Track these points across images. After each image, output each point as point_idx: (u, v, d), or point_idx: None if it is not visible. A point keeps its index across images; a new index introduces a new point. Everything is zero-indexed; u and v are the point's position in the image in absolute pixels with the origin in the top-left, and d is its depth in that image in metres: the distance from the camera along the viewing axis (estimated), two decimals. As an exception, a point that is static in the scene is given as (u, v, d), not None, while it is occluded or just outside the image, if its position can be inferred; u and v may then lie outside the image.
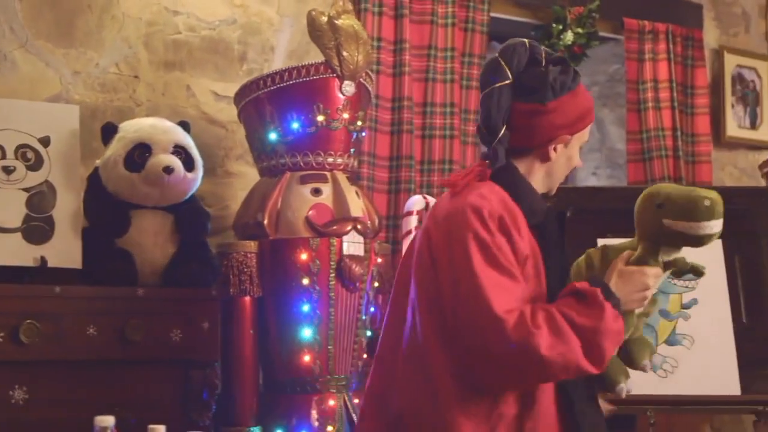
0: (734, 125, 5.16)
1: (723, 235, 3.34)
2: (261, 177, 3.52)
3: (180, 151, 3.15)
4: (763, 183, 4.92)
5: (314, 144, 3.40)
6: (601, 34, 4.84)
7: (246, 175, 3.86)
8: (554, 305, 2.26)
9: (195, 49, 3.84)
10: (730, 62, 5.17)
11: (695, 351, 3.23)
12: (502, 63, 2.39)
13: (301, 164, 3.41)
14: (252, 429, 3.31)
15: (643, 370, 2.56)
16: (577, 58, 4.59)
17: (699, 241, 2.49)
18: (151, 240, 3.13)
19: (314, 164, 3.41)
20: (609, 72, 5.11)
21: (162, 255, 3.14)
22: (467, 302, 2.22)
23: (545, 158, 2.43)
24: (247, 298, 3.31)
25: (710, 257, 3.35)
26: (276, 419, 3.35)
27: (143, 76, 3.73)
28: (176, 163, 3.09)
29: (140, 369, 3.04)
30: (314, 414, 3.35)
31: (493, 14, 4.44)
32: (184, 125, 3.28)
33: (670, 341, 3.25)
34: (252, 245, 3.33)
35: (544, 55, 2.43)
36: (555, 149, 2.42)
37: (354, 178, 3.56)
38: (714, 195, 2.48)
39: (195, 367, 3.12)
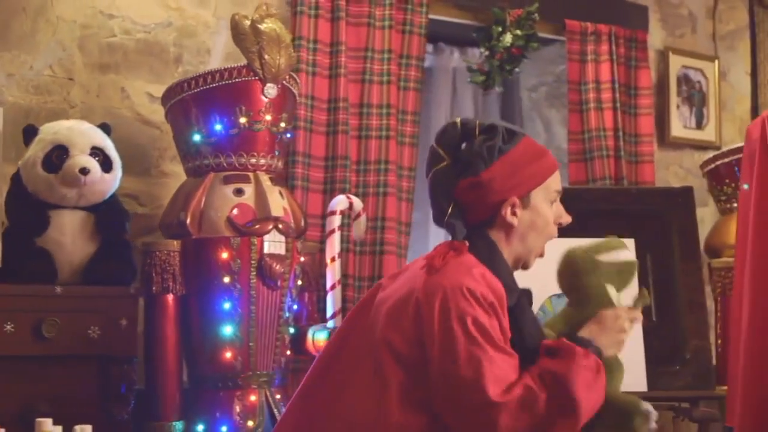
0: (679, 125, 5.23)
1: (635, 235, 3.46)
2: (187, 177, 3.60)
3: (97, 152, 3.24)
4: (704, 182, 5.00)
5: (237, 145, 3.49)
6: (544, 35, 4.91)
7: (180, 176, 3.92)
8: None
9: (130, 51, 3.92)
10: (676, 63, 5.24)
11: (603, 348, 3.30)
12: (437, 147, 2.46)
13: (225, 165, 3.49)
14: (175, 424, 3.40)
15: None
16: (516, 60, 4.66)
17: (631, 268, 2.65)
18: (70, 239, 3.22)
19: (237, 165, 3.49)
20: (556, 72, 5.18)
21: (82, 254, 3.23)
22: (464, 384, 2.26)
23: (507, 225, 2.45)
24: (170, 296, 3.39)
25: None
26: (199, 414, 3.44)
27: (78, 78, 3.81)
28: (93, 164, 3.18)
29: (58, 365, 3.13)
30: (236, 409, 3.44)
31: (432, 16, 4.52)
32: (105, 127, 3.37)
33: (580, 339, 3.31)
34: (175, 244, 3.42)
35: (477, 127, 2.46)
36: (514, 213, 2.44)
37: (279, 179, 3.64)
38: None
39: (113, 363, 3.21)
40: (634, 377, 3.28)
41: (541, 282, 3.36)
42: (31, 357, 3.09)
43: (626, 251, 2.66)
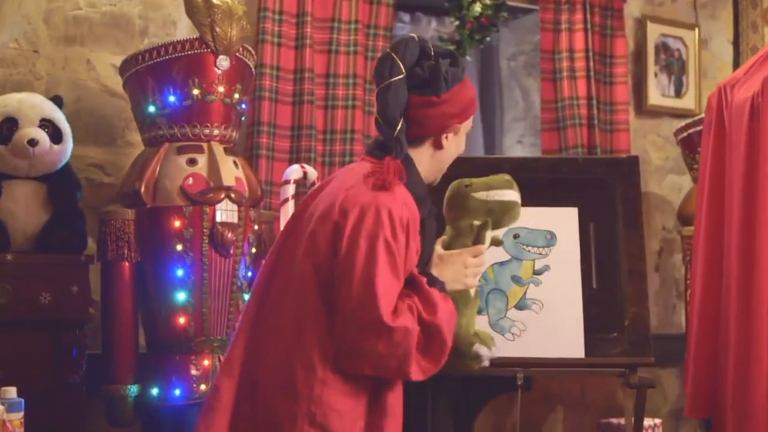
0: (657, 94, 5.24)
1: (580, 204, 3.51)
2: (144, 147, 3.69)
3: (47, 124, 3.33)
4: (678, 149, 5.03)
5: (190, 116, 3.57)
6: (520, 5, 4.95)
7: (145, 146, 4.03)
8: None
9: (95, 24, 4.01)
10: (654, 31, 5.25)
11: (543, 315, 3.36)
12: (396, 58, 2.56)
13: (179, 135, 3.58)
14: (130, 387, 3.51)
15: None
16: (486, 29, 4.70)
17: (501, 207, 2.86)
18: (23, 208, 3.32)
19: (191, 135, 3.58)
20: (534, 42, 5.20)
21: (34, 222, 3.34)
22: (359, 300, 2.39)
23: (438, 146, 2.63)
24: (126, 263, 3.49)
25: (565, 226, 3.50)
26: (155, 378, 3.55)
27: (43, 51, 3.91)
28: (41, 135, 3.28)
29: (10, 330, 3.23)
30: (192, 373, 3.55)
31: (406, -13, 4.58)
32: (57, 100, 3.46)
33: (520, 306, 3.38)
34: (129, 213, 3.52)
35: (433, 49, 2.61)
36: (447, 138, 2.62)
37: (233, 149, 3.72)
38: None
39: (64, 328, 3.31)
40: (572, 344, 3.35)
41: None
42: (-19, 322, 3.20)
43: (508, 192, 2.89)
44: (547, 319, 3.36)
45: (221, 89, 3.58)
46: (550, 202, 3.51)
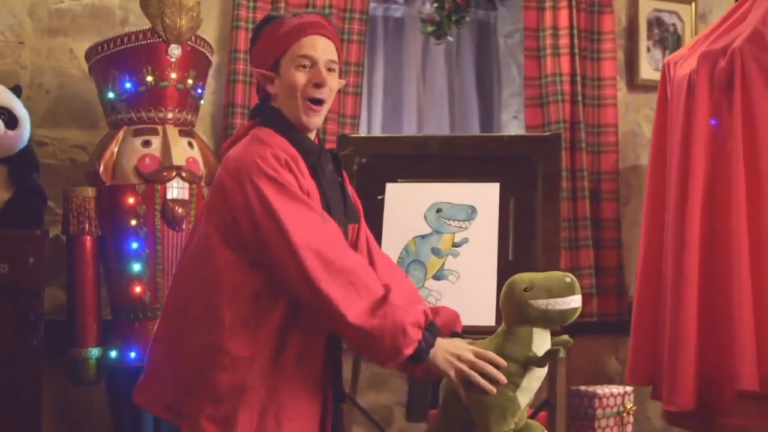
0: (649, 68, 5.31)
1: (502, 180, 3.68)
2: (108, 130, 4.01)
3: (3, 111, 3.67)
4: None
5: (145, 101, 3.87)
6: (504, -16, 5.08)
7: (124, 127, 4.34)
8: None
9: (78, 15, 4.33)
10: (646, 7, 5.31)
11: (459, 285, 3.55)
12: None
13: (135, 119, 3.89)
14: (91, 350, 3.85)
15: None
16: (462, 9, 4.86)
17: (563, 317, 2.77)
18: (-15, 188, 3.68)
19: (146, 119, 3.88)
20: (529, 19, 5.32)
21: (-3, 201, 3.69)
22: (271, 236, 2.62)
23: (273, 95, 2.83)
24: (88, 237, 3.83)
25: (486, 200, 3.68)
26: (116, 342, 3.88)
27: (28, 42, 4.25)
28: (-5, 122, 3.62)
29: (-30, 298, 3.59)
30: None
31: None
32: (16, 89, 3.79)
33: (437, 276, 3.58)
34: (90, 191, 3.85)
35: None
36: (272, 83, 2.82)
37: (189, 131, 3.99)
38: (572, 275, 2.79)
39: (22, 296, 3.65)
40: (484, 312, 3.54)
41: (406, 222, 3.67)
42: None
43: (569, 299, 2.75)
44: (462, 289, 3.55)
45: (174, 75, 3.87)
46: (474, 177, 3.69)
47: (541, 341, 2.77)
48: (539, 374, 2.79)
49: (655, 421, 5.16)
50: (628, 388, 4.68)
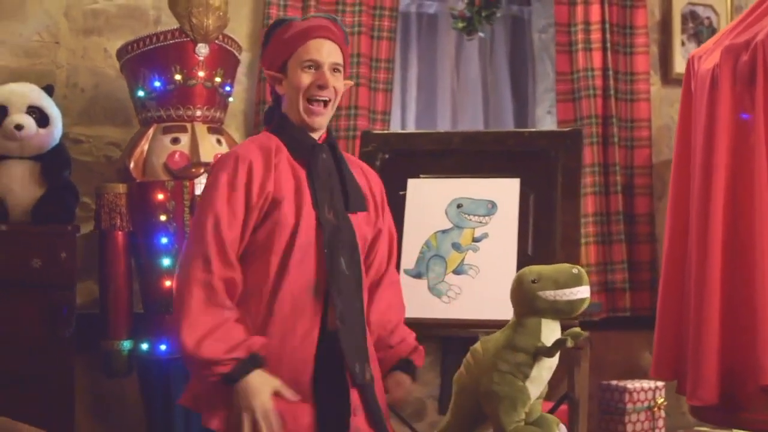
0: (683, 63, 5.28)
1: (522, 175, 3.72)
2: (139, 127, 4.10)
3: (34, 110, 3.77)
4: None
5: (174, 99, 3.95)
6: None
7: (158, 125, 4.43)
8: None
9: (112, 16, 4.43)
10: (680, 1, 5.30)
11: (479, 280, 3.60)
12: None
13: (164, 117, 3.97)
14: (123, 342, 3.94)
15: None
16: (492, 5, 4.89)
17: (570, 307, 2.82)
18: (19, 185, 3.77)
19: (175, 116, 3.96)
20: (563, 14, 5.33)
21: (29, 197, 3.78)
22: (192, 228, 2.93)
23: (282, 96, 3.03)
24: (119, 232, 3.93)
25: (507, 196, 3.71)
26: (148, 335, 3.96)
27: (64, 42, 4.35)
28: (27, 121, 3.72)
29: (5, 291, 3.68)
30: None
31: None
32: (48, 89, 3.89)
33: (458, 271, 3.63)
34: (121, 187, 3.94)
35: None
36: (280, 84, 3.01)
37: (218, 128, 4.07)
38: (579, 267, 2.86)
39: (54, 290, 3.75)
40: (502, 306, 3.56)
41: (427, 218, 3.72)
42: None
43: (577, 289, 2.80)
44: (482, 284, 3.60)
45: (201, 74, 3.94)
46: (495, 173, 3.74)
47: (550, 332, 2.82)
48: (549, 364, 2.83)
49: (690, 416, 5.15)
50: (660, 383, 4.69)
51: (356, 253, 2.96)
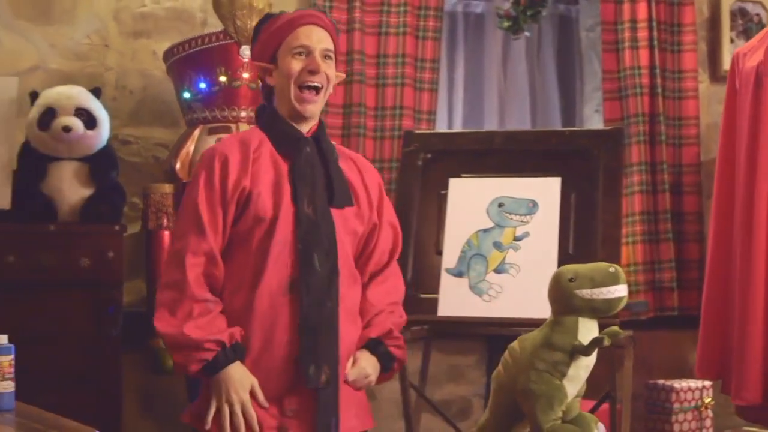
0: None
1: (564, 174, 3.72)
2: (186, 128, 4.17)
3: (82, 112, 3.84)
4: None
5: (219, 100, 4.01)
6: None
7: (205, 126, 4.50)
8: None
9: (160, 18, 4.50)
10: (729, -2, 5.27)
11: (520, 279, 3.61)
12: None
13: (210, 118, 4.03)
14: (170, 340, 4.00)
15: None
16: (537, 4, 4.89)
17: (607, 306, 2.82)
18: (67, 185, 3.85)
19: (220, 117, 4.02)
20: (610, 12, 5.31)
21: (78, 197, 3.85)
22: (176, 226, 2.95)
23: (274, 89, 2.99)
24: (166, 232, 3.99)
25: (548, 195, 3.72)
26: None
27: (113, 45, 4.43)
28: (75, 123, 3.79)
29: (54, 290, 3.77)
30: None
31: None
32: (96, 91, 3.96)
33: (499, 270, 3.64)
34: (168, 187, 4.01)
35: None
36: (271, 75, 2.97)
37: (262, 128, 4.12)
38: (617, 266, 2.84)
39: (102, 288, 3.82)
40: (544, 305, 3.56)
41: (468, 217, 3.73)
42: (31, 283, 3.75)
43: (614, 288, 2.79)
44: (523, 283, 3.61)
45: (246, 75, 4.00)
46: (536, 172, 3.75)
47: (587, 331, 2.82)
48: (586, 363, 2.83)
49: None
50: (707, 383, 4.66)
51: (333, 250, 2.88)
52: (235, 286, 2.85)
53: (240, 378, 2.78)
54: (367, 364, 2.92)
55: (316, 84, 2.90)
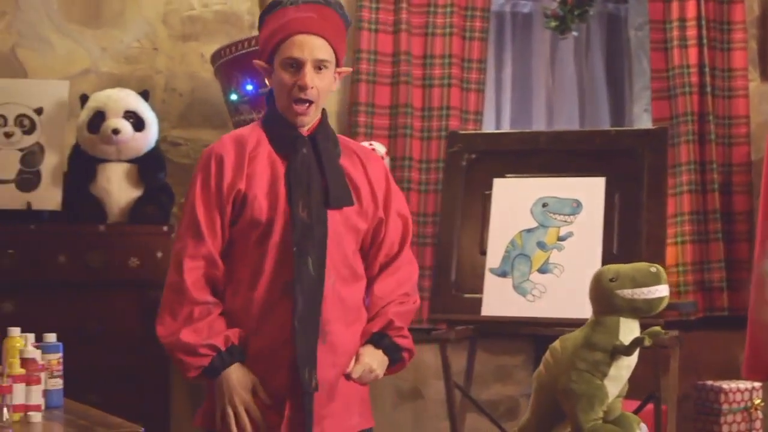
0: (784, 58, 5.21)
1: (608, 174, 3.71)
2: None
3: (131, 115, 3.91)
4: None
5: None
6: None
7: (253, 127, 4.54)
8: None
9: (208, 22, 4.56)
10: (781, -5, 5.21)
11: (564, 279, 3.61)
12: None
13: (257, 119, 4.05)
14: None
15: None
16: (584, 4, 4.87)
17: (648, 306, 2.84)
18: (116, 187, 3.92)
19: (267, 119, 4.06)
20: (659, 11, 5.28)
21: (127, 198, 3.93)
22: (177, 227, 3.01)
23: (271, 81, 2.99)
24: (213, 231, 4.04)
25: (592, 194, 3.71)
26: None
27: (162, 48, 4.50)
28: (124, 125, 3.86)
29: (104, 289, 3.84)
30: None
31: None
32: (144, 94, 4.03)
33: (542, 270, 3.65)
34: (214, 188, 4.05)
35: None
36: (269, 77, 2.96)
37: (310, 130, 4.15)
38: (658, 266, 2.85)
39: (151, 287, 3.88)
40: (588, 305, 3.57)
41: (512, 217, 3.74)
42: (81, 283, 3.82)
43: (655, 288, 2.81)
44: (567, 283, 3.61)
45: (292, 77, 4.03)
46: (580, 172, 3.74)
47: (629, 330, 2.82)
48: (627, 363, 2.83)
49: (791, 418, 5.07)
50: (757, 384, 4.62)
51: (323, 253, 2.85)
52: (236, 287, 2.88)
53: (240, 379, 2.82)
54: (372, 359, 2.92)
55: (306, 98, 2.88)
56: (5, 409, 2.53)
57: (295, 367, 2.81)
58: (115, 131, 3.85)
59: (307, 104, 2.88)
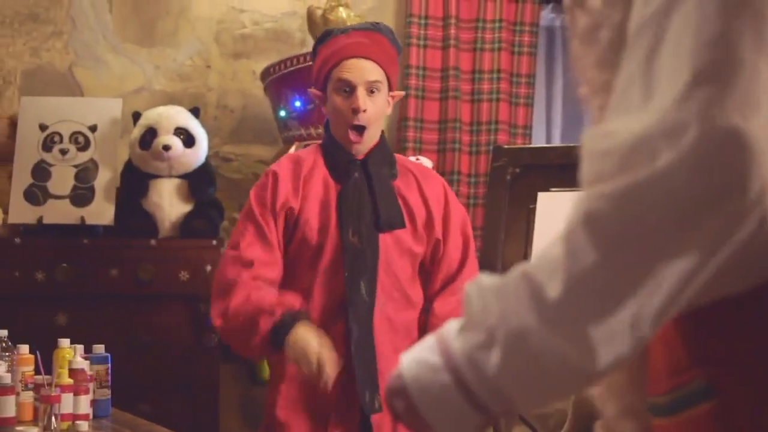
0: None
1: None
2: (282, 146, 4.28)
3: (181, 131, 3.99)
4: None
5: (314, 118, 4.12)
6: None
7: (303, 143, 4.62)
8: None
9: (260, 39, 4.64)
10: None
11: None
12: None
13: (305, 135, 4.14)
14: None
15: None
16: (634, 18, 4.86)
17: None
18: (167, 201, 4.00)
19: (315, 135, 4.12)
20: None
21: (178, 213, 4.01)
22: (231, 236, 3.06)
23: (325, 106, 3.04)
24: (263, 246, 4.11)
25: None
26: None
27: (214, 65, 4.59)
28: (174, 142, 3.94)
29: (155, 302, 3.93)
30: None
31: (553, -17, 4.85)
32: (195, 111, 4.11)
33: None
34: (263, 204, 4.13)
35: None
36: (324, 102, 3.01)
37: (357, 145, 4.21)
38: None
39: (200, 301, 3.95)
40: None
41: (557, 232, 3.74)
42: (132, 296, 3.91)
43: None
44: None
45: (339, 93, 4.09)
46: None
47: None
48: None
49: None
50: None
51: (375, 276, 2.87)
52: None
53: (311, 334, 2.72)
54: None
55: (361, 124, 2.90)
56: (54, 418, 2.61)
57: (343, 389, 2.83)
58: (166, 147, 3.93)
59: (360, 132, 2.91)
